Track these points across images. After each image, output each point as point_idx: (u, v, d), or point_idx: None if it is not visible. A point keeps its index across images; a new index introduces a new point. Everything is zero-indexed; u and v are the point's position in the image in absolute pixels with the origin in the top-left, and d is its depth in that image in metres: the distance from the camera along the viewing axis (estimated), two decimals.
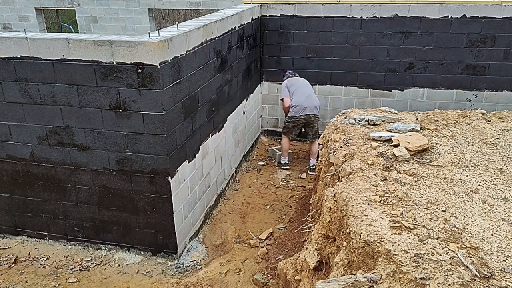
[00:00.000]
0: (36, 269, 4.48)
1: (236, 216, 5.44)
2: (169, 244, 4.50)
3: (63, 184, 4.49)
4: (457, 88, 6.87)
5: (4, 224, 4.89)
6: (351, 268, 2.54)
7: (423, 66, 6.81)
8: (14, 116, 4.29)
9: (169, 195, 4.26)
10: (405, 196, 2.86)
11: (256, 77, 7.08)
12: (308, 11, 6.82)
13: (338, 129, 4.15)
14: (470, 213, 2.68)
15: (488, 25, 6.41)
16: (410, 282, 2.11)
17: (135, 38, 3.83)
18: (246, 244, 4.89)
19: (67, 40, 3.85)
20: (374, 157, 3.45)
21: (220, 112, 5.45)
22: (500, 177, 3.14)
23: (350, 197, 2.87)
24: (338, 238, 2.88)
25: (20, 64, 4.04)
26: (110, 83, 3.92)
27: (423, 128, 4.02)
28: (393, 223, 2.54)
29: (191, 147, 4.62)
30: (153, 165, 4.17)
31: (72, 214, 4.61)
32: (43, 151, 4.38)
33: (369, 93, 7.14)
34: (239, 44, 5.99)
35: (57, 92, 4.07)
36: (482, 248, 2.33)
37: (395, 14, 6.59)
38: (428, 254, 2.27)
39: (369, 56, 6.88)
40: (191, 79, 4.45)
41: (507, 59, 6.55)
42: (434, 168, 3.26)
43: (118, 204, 4.43)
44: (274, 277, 4.28)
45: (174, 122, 4.17)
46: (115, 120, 4.06)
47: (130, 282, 4.29)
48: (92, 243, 4.72)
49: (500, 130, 3.99)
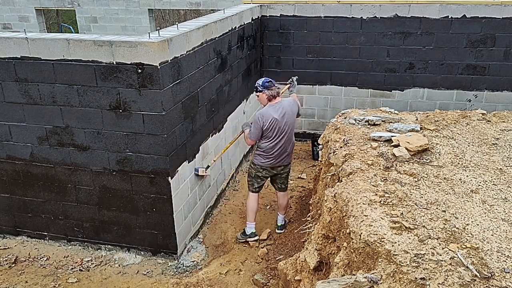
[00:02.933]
0: (36, 269, 4.48)
1: (236, 216, 5.44)
2: (169, 244, 4.50)
3: (63, 184, 4.49)
4: (457, 88, 6.87)
5: (4, 224, 4.89)
6: (351, 268, 2.54)
7: (423, 66, 6.81)
8: (14, 116, 4.29)
9: (169, 195, 4.26)
10: (405, 196, 2.86)
11: (256, 77, 7.07)
12: (308, 11, 6.82)
13: (338, 129, 4.15)
14: (470, 213, 2.68)
15: (488, 25, 6.41)
16: (410, 282, 2.11)
17: (135, 38, 3.83)
18: (246, 244, 4.89)
19: (67, 40, 3.85)
20: (374, 157, 3.45)
21: (220, 112, 5.45)
22: (500, 177, 3.14)
23: (350, 197, 2.86)
24: (338, 238, 2.88)
25: (20, 64, 4.04)
26: (110, 83, 3.92)
27: (423, 128, 4.02)
28: (393, 223, 2.54)
29: (191, 147, 4.62)
30: (153, 165, 4.17)
31: (72, 214, 4.61)
32: (43, 151, 4.38)
33: (369, 93, 7.14)
34: (239, 44, 5.99)
35: (57, 92, 4.07)
36: (482, 248, 2.33)
37: (395, 14, 6.59)
38: (428, 254, 2.27)
39: (369, 56, 6.88)
40: (191, 79, 4.45)
41: (507, 59, 6.55)
42: (434, 168, 3.26)
43: (118, 204, 4.43)
44: (274, 277, 4.28)
45: (174, 122, 4.17)
46: (115, 120, 4.06)
47: (130, 282, 4.29)
48: (92, 243, 4.72)
49: (500, 131, 3.99)
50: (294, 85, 5.30)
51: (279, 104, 4.58)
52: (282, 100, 4.64)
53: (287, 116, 4.57)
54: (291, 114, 4.62)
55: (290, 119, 4.61)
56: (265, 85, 4.55)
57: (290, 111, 4.62)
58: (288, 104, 4.66)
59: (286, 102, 4.67)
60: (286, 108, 4.59)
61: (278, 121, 4.51)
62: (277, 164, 4.74)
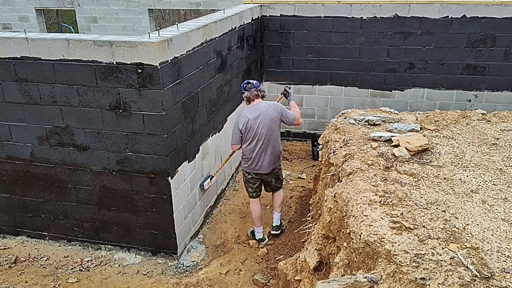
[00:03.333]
0: (36, 269, 4.48)
1: (236, 216, 5.44)
2: (169, 244, 4.50)
3: (63, 184, 4.49)
4: (457, 88, 6.87)
5: (4, 224, 4.89)
6: (351, 268, 2.54)
7: (423, 66, 6.81)
8: (14, 116, 4.29)
9: (169, 195, 4.26)
10: (405, 196, 2.86)
11: (256, 77, 7.07)
12: (308, 11, 6.82)
13: (338, 129, 4.15)
14: (470, 213, 2.68)
15: (488, 25, 6.41)
16: (410, 282, 2.11)
17: (135, 38, 3.83)
18: (246, 244, 4.89)
19: (67, 40, 3.85)
20: (374, 157, 3.45)
21: (220, 112, 5.45)
22: (500, 177, 3.14)
23: (350, 197, 2.86)
24: (338, 238, 2.88)
25: (20, 64, 4.04)
26: (110, 83, 3.92)
27: (423, 128, 4.02)
28: (393, 223, 2.54)
29: (191, 147, 4.62)
30: (153, 165, 4.17)
31: (72, 214, 4.61)
32: (43, 151, 4.38)
33: (369, 93, 7.14)
34: (239, 44, 5.99)
35: (57, 92, 4.07)
36: (482, 248, 2.33)
37: (395, 14, 6.59)
38: (428, 254, 2.27)
39: (369, 56, 6.88)
40: (191, 79, 4.45)
41: (507, 59, 6.55)
42: (434, 168, 3.26)
43: (118, 204, 4.43)
44: (274, 277, 4.28)
45: (174, 122, 4.17)
46: (115, 120, 4.06)
47: (130, 282, 4.29)
48: (92, 243, 4.72)
49: (500, 131, 3.99)
50: (290, 93, 5.03)
51: (256, 106, 4.50)
52: (261, 102, 4.55)
53: (261, 118, 4.42)
54: (266, 116, 4.44)
55: (265, 121, 4.43)
56: (243, 86, 4.56)
57: (266, 113, 4.45)
58: (265, 106, 4.50)
59: (263, 104, 4.53)
60: (262, 109, 4.46)
61: (251, 122, 4.42)
62: (257, 170, 4.60)
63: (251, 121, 4.44)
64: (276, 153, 4.62)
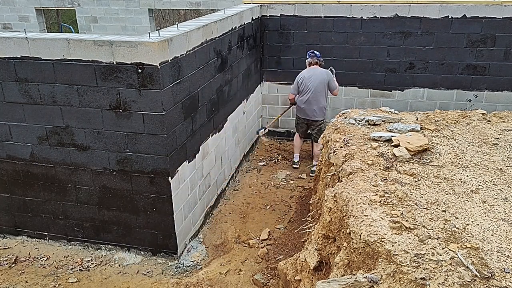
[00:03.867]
0: (36, 269, 4.48)
1: (236, 216, 5.44)
2: (169, 244, 4.50)
3: (63, 184, 4.49)
4: (458, 88, 6.86)
5: (4, 224, 4.89)
6: (351, 268, 2.54)
7: (423, 66, 6.81)
8: (14, 116, 4.29)
9: (169, 195, 4.26)
10: (405, 196, 2.86)
11: (256, 77, 7.08)
12: (308, 11, 6.82)
13: (338, 129, 4.15)
14: (471, 213, 2.68)
15: (488, 25, 6.41)
16: (410, 282, 2.11)
17: (135, 38, 3.83)
18: (246, 244, 4.89)
19: (67, 40, 3.85)
20: (374, 157, 3.45)
21: (220, 112, 5.45)
22: (500, 177, 3.14)
23: (350, 197, 2.87)
24: (338, 238, 2.88)
25: (20, 64, 4.04)
26: (110, 83, 3.92)
27: (423, 128, 4.02)
28: (393, 223, 2.54)
29: (191, 147, 4.62)
30: (153, 165, 4.17)
31: (72, 214, 4.61)
32: (43, 151, 4.38)
33: (369, 93, 7.14)
34: (239, 44, 5.99)
35: (57, 92, 4.07)
36: (482, 248, 2.33)
37: (395, 14, 6.59)
38: (428, 254, 2.27)
39: (369, 56, 6.88)
40: (191, 79, 4.45)
41: (507, 59, 6.55)
42: (434, 168, 3.26)
43: (118, 204, 4.43)
44: (274, 277, 4.28)
45: (174, 122, 4.17)
46: (115, 120, 4.06)
47: (130, 282, 4.29)
48: (92, 243, 4.72)
49: (500, 131, 3.99)
50: (333, 72, 6.38)
51: (313, 69, 6.16)
52: (317, 68, 6.17)
53: (313, 78, 6.05)
54: (317, 78, 6.05)
55: (315, 81, 6.03)
56: (309, 54, 6.24)
57: (317, 76, 6.07)
58: (319, 71, 6.13)
59: (318, 69, 6.16)
60: (316, 73, 6.10)
61: (305, 79, 6.07)
62: (305, 116, 6.24)
63: (306, 79, 6.09)
64: (321, 107, 6.18)
